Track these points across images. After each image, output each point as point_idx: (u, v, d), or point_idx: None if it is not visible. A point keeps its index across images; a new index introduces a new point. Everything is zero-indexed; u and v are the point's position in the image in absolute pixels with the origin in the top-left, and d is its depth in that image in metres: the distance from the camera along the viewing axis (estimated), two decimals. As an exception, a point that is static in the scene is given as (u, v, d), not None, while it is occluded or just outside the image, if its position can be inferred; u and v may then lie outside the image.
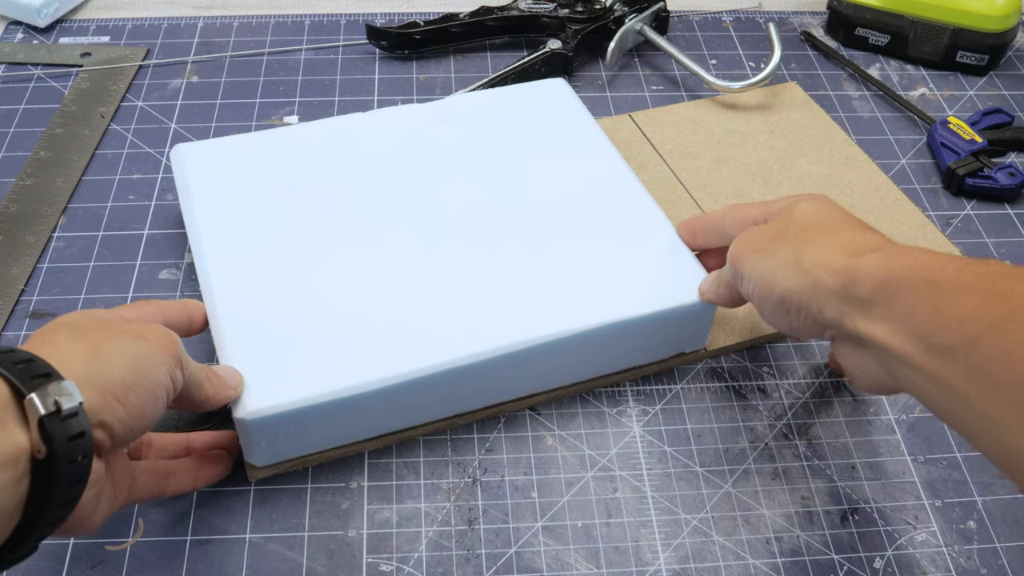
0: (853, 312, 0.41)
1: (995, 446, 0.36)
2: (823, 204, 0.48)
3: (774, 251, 0.46)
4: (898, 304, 0.39)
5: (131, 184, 0.68)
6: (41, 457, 0.34)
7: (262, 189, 0.59)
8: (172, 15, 0.85)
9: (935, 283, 0.38)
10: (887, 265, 0.40)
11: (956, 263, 0.39)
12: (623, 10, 0.80)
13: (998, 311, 0.35)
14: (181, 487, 0.47)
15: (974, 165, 0.69)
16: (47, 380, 0.35)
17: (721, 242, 0.53)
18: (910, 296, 0.39)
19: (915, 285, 0.39)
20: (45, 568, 0.47)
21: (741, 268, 0.48)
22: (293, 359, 0.49)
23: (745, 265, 0.47)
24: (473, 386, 0.52)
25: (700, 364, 0.58)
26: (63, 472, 0.35)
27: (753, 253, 0.47)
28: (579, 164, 0.62)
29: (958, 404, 0.37)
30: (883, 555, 0.49)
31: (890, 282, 0.40)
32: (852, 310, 0.41)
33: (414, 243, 0.56)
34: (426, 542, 0.49)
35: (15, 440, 0.34)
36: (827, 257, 0.43)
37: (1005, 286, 0.36)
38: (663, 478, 0.52)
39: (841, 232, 0.45)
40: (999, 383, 0.35)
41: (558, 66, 0.77)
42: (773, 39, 0.76)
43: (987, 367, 0.35)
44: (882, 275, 0.40)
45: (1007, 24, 0.78)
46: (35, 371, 0.35)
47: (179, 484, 0.47)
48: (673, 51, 0.78)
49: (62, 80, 0.77)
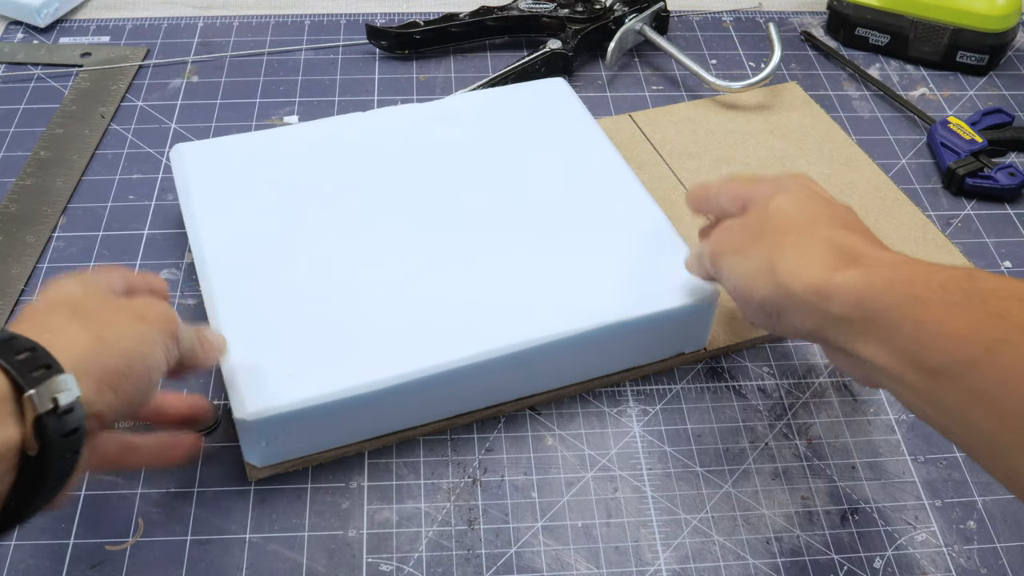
0: (834, 327, 0.40)
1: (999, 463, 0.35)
2: (800, 198, 0.46)
3: (751, 253, 0.45)
4: (880, 322, 0.38)
5: (131, 184, 0.68)
6: (33, 454, 0.34)
7: (262, 189, 0.59)
8: (172, 15, 0.85)
9: (919, 299, 0.37)
10: (867, 281, 0.39)
11: (940, 277, 0.37)
12: (623, 10, 0.80)
13: (994, 332, 0.34)
14: (139, 465, 0.47)
15: (974, 165, 0.69)
16: (48, 373, 0.35)
17: (719, 214, 0.52)
18: (892, 313, 0.37)
19: (897, 301, 0.37)
20: (45, 568, 0.47)
21: (720, 268, 0.47)
22: (293, 360, 0.49)
23: (724, 266, 0.46)
24: (473, 386, 0.52)
25: (700, 364, 0.57)
26: (52, 468, 0.35)
27: (731, 254, 0.46)
28: (579, 164, 0.62)
29: (956, 422, 0.36)
30: (883, 555, 0.49)
31: (869, 299, 0.38)
32: (833, 325, 0.40)
33: (414, 243, 0.56)
34: (426, 542, 0.49)
35: (8, 435, 0.34)
36: (803, 268, 0.41)
37: (997, 305, 0.35)
38: (663, 478, 0.52)
39: (818, 232, 0.43)
40: (1004, 406, 0.34)
41: (558, 66, 0.77)
42: (773, 39, 0.76)
43: (988, 390, 0.34)
44: (861, 292, 0.39)
45: (1007, 24, 0.78)
46: (36, 363, 0.35)
47: (138, 461, 0.46)
48: (673, 51, 0.78)
49: (62, 80, 0.77)
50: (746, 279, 0.44)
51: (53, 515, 0.49)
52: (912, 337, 0.37)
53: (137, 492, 0.50)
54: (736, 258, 0.46)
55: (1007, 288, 0.36)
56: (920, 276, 0.38)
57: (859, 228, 0.44)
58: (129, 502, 0.50)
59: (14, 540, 0.48)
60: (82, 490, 0.50)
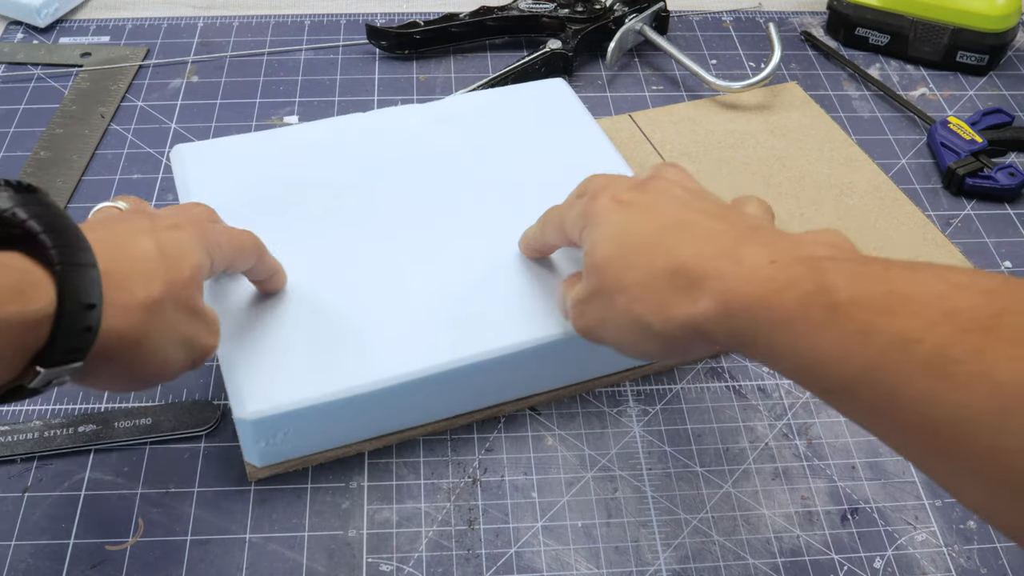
0: (734, 349, 0.37)
1: (925, 470, 0.33)
2: (616, 231, 0.41)
3: (614, 320, 0.41)
4: (759, 348, 0.35)
5: (131, 184, 0.68)
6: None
7: (262, 189, 0.59)
8: (172, 15, 0.85)
9: (785, 322, 0.34)
10: (723, 310, 0.36)
11: (795, 292, 0.34)
12: (623, 10, 0.80)
13: (865, 352, 0.31)
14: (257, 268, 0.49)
15: (974, 165, 0.69)
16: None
17: (554, 249, 0.51)
18: (761, 339, 0.35)
19: (762, 328, 0.35)
20: (45, 568, 0.47)
21: (602, 341, 0.43)
22: (293, 359, 0.49)
23: (602, 339, 0.43)
24: (473, 386, 0.52)
25: (700, 364, 0.57)
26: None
27: (599, 328, 0.43)
28: (579, 164, 0.61)
29: (873, 434, 0.34)
30: (883, 555, 0.49)
31: (736, 328, 0.36)
32: (732, 348, 0.38)
33: (414, 243, 0.56)
34: (426, 542, 0.49)
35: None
36: (665, 311, 0.38)
37: (861, 321, 0.32)
38: (663, 478, 0.52)
39: (656, 264, 0.38)
40: (900, 423, 0.31)
41: (558, 66, 0.77)
42: (773, 39, 0.76)
43: (879, 409, 0.32)
44: (725, 322, 0.36)
45: (1007, 24, 0.78)
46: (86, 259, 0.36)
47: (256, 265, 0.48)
48: (673, 51, 0.78)
49: (62, 80, 0.77)
50: (631, 344, 0.41)
51: (53, 515, 0.49)
52: (792, 362, 0.34)
53: (137, 492, 0.50)
54: (608, 330, 0.42)
55: (865, 299, 0.32)
56: (775, 292, 0.34)
57: (720, 214, 0.40)
58: (129, 502, 0.50)
59: (14, 540, 0.48)
60: (82, 490, 0.50)
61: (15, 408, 0.53)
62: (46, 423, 0.52)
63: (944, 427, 0.29)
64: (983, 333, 0.29)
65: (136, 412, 0.53)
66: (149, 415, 0.53)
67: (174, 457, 0.52)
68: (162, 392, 0.54)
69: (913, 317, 0.31)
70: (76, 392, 0.54)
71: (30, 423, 0.52)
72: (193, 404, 0.53)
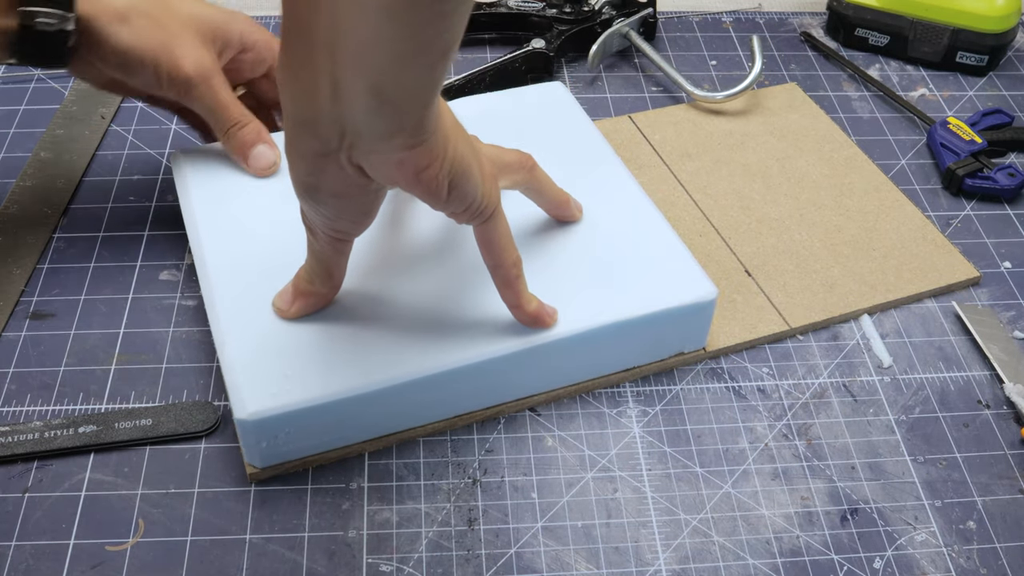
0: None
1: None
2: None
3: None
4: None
5: (131, 185, 0.68)
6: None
7: (262, 193, 0.59)
8: (172, 16, 0.85)
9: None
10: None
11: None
12: (611, 13, 0.80)
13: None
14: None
15: (974, 165, 0.69)
16: None
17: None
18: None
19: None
20: (45, 568, 0.47)
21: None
22: (293, 361, 0.49)
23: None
24: (473, 386, 0.52)
25: (700, 364, 0.58)
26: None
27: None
28: (578, 166, 0.62)
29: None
30: (883, 555, 0.49)
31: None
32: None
33: (414, 243, 0.56)
34: (426, 542, 0.49)
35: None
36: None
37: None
38: (663, 478, 0.52)
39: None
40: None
41: (539, 65, 0.77)
42: (755, 51, 0.76)
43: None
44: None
45: (1007, 24, 0.78)
46: None
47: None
48: (656, 58, 0.78)
49: (62, 81, 0.77)
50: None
51: (53, 515, 0.49)
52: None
53: (137, 492, 0.50)
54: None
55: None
56: None
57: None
58: (129, 502, 0.50)
59: (14, 541, 0.48)
60: (82, 490, 0.50)
61: (15, 408, 0.53)
62: (46, 423, 0.52)
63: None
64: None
65: (136, 413, 0.53)
66: (149, 416, 0.53)
67: (174, 458, 0.52)
68: (162, 393, 0.54)
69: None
70: (76, 392, 0.54)
71: (30, 423, 0.52)
72: (193, 405, 0.53)
